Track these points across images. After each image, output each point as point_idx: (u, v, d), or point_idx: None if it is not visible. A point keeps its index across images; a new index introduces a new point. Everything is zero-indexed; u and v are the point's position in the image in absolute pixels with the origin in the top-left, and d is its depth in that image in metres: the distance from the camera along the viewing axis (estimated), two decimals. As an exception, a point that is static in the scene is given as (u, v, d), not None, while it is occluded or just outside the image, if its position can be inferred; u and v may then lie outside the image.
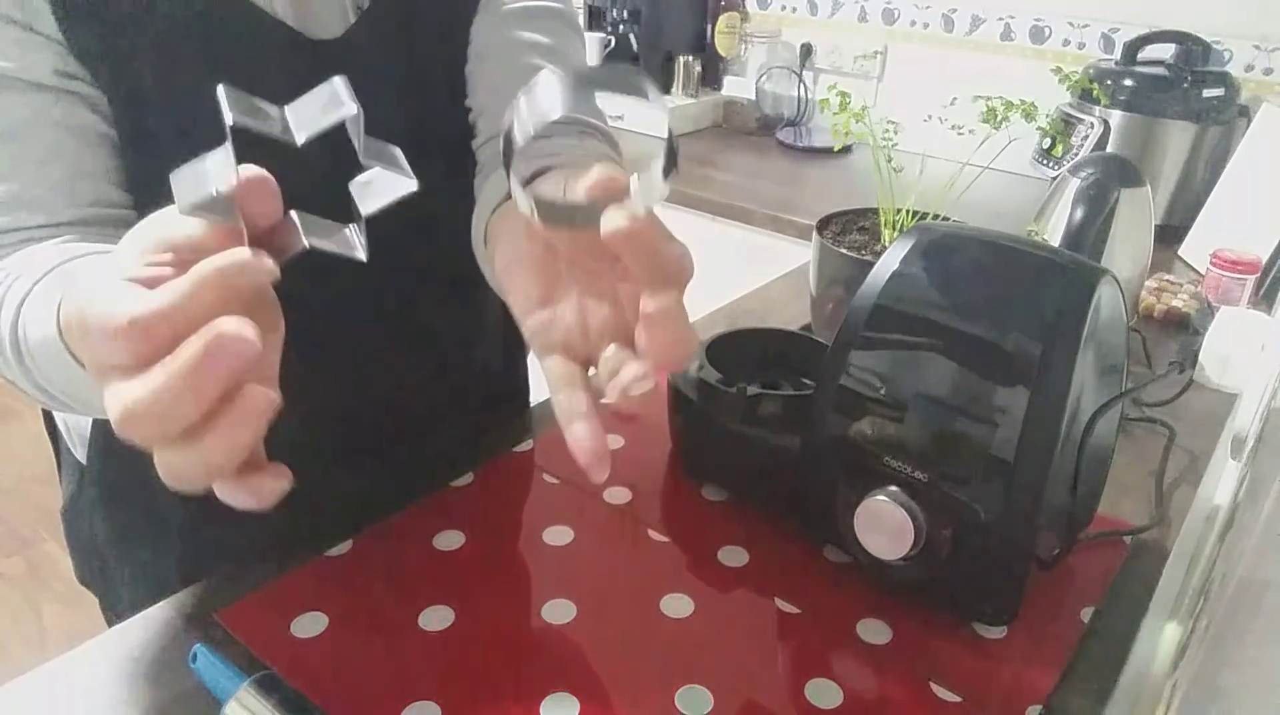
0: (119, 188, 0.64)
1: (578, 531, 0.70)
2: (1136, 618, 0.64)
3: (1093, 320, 0.58)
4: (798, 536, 0.70)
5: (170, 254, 0.35)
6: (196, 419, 0.32)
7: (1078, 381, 0.57)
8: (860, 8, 2.08)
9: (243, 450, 0.33)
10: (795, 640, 0.61)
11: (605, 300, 0.46)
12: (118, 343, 0.32)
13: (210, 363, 0.31)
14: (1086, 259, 0.64)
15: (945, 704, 0.57)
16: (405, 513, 0.71)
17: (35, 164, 0.60)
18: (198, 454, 0.32)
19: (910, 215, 0.93)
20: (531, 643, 0.60)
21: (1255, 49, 1.66)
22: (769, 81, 2.14)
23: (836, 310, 0.94)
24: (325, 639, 0.59)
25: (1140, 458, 0.85)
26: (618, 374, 0.42)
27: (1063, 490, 0.60)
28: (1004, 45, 1.92)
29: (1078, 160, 1.06)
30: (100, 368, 0.34)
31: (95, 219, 0.62)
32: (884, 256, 0.66)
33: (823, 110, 0.91)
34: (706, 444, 0.75)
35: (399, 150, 0.38)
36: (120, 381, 0.33)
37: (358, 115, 0.35)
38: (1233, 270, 1.18)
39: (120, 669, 0.58)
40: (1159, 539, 0.74)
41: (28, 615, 2.01)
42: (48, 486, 2.39)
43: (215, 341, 0.31)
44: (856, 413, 0.63)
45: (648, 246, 0.40)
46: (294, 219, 0.37)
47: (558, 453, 0.80)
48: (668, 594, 0.64)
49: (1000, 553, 0.59)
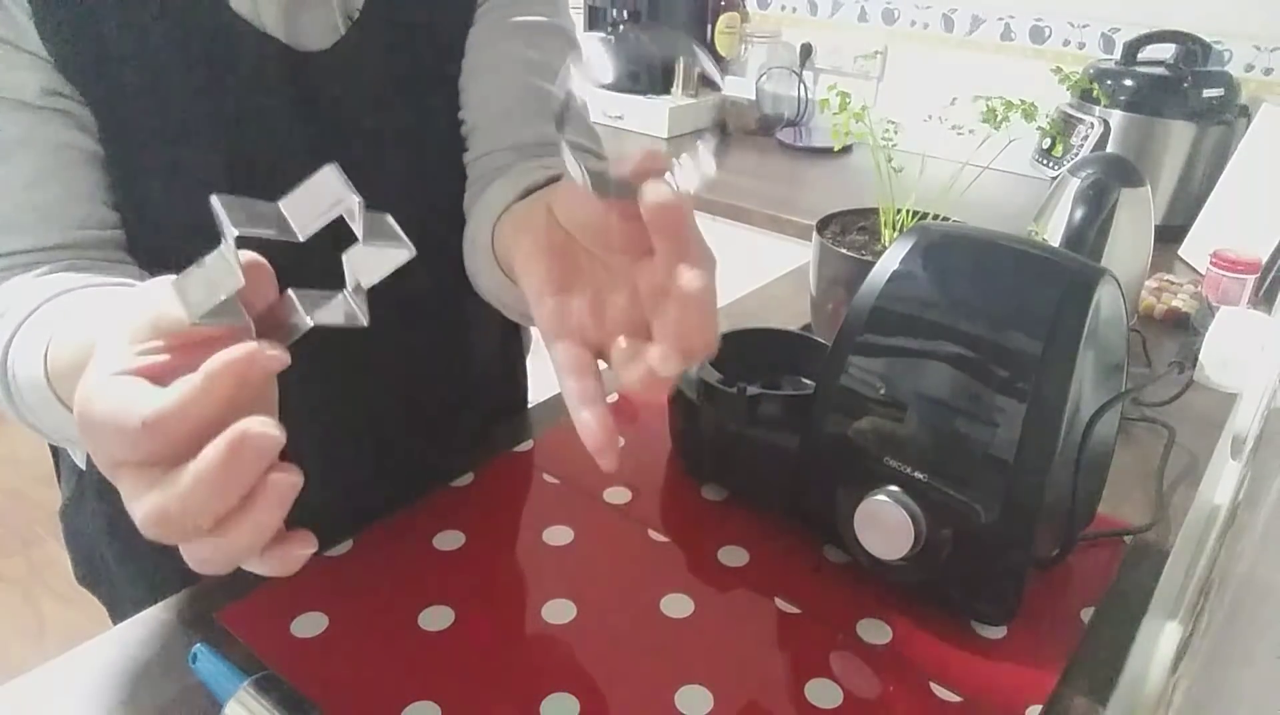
0: (108, 207, 0.63)
1: (578, 531, 0.70)
2: (1136, 618, 0.64)
3: (1093, 320, 0.58)
4: (798, 536, 0.70)
5: (161, 341, 0.35)
6: (223, 514, 0.33)
7: (1078, 381, 0.57)
8: (860, 8, 2.08)
9: (270, 533, 0.34)
10: (795, 640, 0.61)
11: (622, 292, 0.45)
12: (131, 442, 0.33)
13: (237, 464, 0.31)
14: (1086, 259, 0.64)
15: (945, 704, 0.57)
16: (405, 513, 0.71)
17: (22, 187, 0.59)
18: (227, 542, 0.33)
19: (910, 215, 0.93)
20: (531, 643, 0.60)
21: (1255, 49, 1.66)
22: (769, 81, 2.14)
23: (836, 310, 0.94)
24: (325, 639, 0.59)
25: (1140, 458, 0.85)
26: (635, 358, 0.42)
27: (1063, 490, 0.60)
28: (1004, 45, 1.92)
29: (1078, 160, 1.06)
30: (110, 462, 0.34)
31: (84, 242, 0.61)
32: (884, 256, 0.66)
33: (823, 110, 0.91)
34: (706, 444, 0.75)
35: (391, 218, 0.37)
36: (135, 478, 0.33)
37: (358, 204, 0.35)
38: (1233, 270, 1.18)
39: (120, 669, 0.58)
40: (1159, 539, 0.74)
41: (28, 615, 2.01)
42: (48, 486, 2.38)
43: (241, 442, 0.31)
44: (856, 413, 0.63)
45: (683, 223, 0.40)
46: (292, 298, 0.37)
47: (558, 453, 0.80)
48: (668, 594, 0.64)
49: (1000, 553, 0.59)
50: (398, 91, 0.71)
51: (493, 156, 0.74)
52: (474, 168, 0.75)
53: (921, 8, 2.00)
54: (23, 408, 0.52)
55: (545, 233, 0.47)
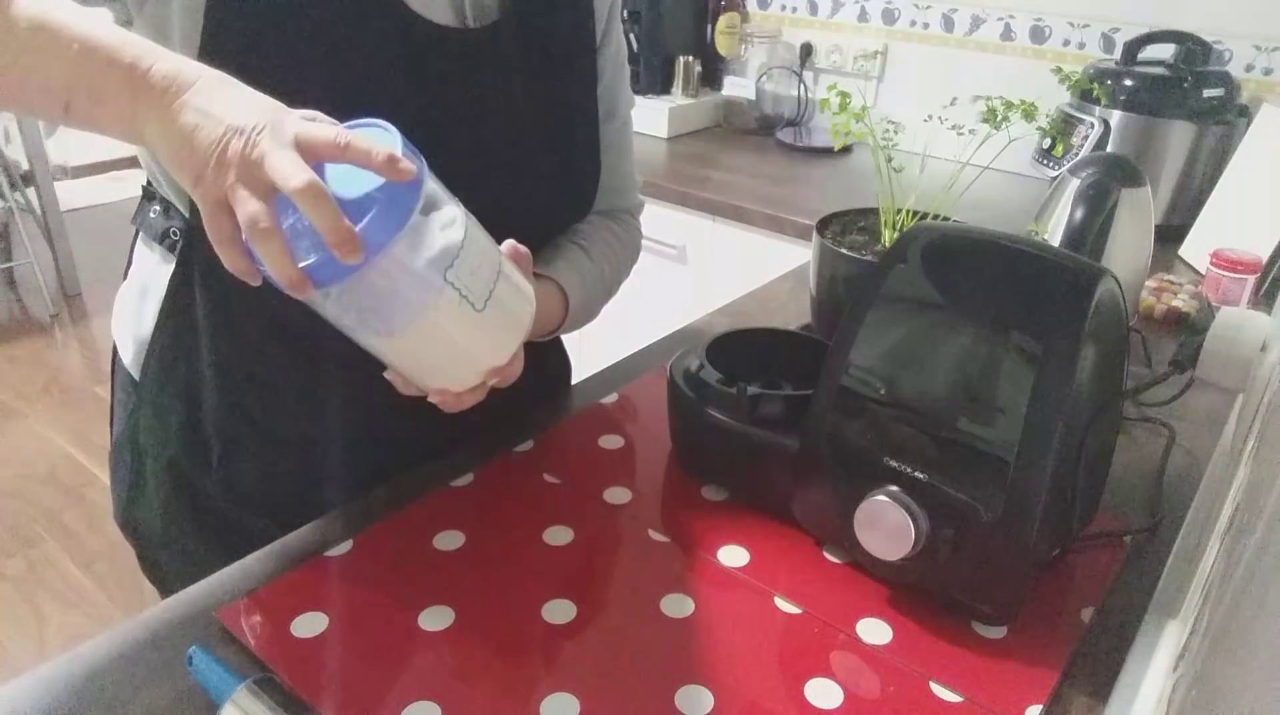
0: None
1: (578, 531, 0.70)
2: (1136, 618, 0.64)
3: (1093, 320, 0.58)
4: (798, 536, 0.70)
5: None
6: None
7: (1078, 381, 0.57)
8: (860, 8, 2.08)
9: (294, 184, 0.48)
10: (795, 640, 0.61)
11: None
12: (286, 128, 0.49)
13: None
14: (1086, 259, 0.64)
15: (945, 704, 0.57)
16: (405, 513, 0.71)
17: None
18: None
19: (910, 215, 0.93)
20: (531, 643, 0.60)
21: (1255, 49, 1.66)
22: (769, 81, 2.14)
23: (836, 310, 0.94)
24: (325, 639, 0.59)
25: (1140, 458, 0.85)
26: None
27: (1063, 490, 0.60)
28: (1004, 45, 1.92)
29: (1078, 160, 1.06)
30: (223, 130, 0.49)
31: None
32: (884, 256, 0.66)
33: (823, 110, 0.91)
34: (706, 444, 0.75)
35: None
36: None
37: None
38: (1233, 270, 1.18)
39: (120, 669, 0.58)
40: (1159, 539, 0.74)
41: (28, 615, 2.01)
42: (48, 486, 2.39)
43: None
44: (856, 412, 0.62)
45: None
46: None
47: (558, 453, 0.80)
48: (668, 594, 0.64)
49: (1000, 553, 0.58)
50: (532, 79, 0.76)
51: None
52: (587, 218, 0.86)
53: (921, 8, 2.00)
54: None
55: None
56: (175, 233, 0.73)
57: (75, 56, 0.50)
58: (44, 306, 3.33)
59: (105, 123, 0.52)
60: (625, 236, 0.91)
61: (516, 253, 0.64)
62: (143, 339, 0.77)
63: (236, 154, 0.49)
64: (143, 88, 0.50)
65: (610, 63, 0.84)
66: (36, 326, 3.25)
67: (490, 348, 0.61)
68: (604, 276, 0.86)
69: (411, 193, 0.51)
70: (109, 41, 0.51)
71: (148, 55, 0.50)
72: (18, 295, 3.49)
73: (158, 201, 0.74)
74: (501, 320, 0.60)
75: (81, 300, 3.43)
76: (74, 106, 0.51)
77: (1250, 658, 0.30)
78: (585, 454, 0.80)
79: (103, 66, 0.50)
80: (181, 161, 0.50)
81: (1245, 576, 0.36)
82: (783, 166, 1.92)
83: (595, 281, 0.84)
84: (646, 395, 0.90)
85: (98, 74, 0.50)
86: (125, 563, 2.06)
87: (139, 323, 0.77)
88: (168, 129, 0.50)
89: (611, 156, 0.86)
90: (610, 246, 0.88)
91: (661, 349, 1.02)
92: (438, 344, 0.58)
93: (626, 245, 0.91)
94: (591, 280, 0.83)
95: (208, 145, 0.49)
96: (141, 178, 0.77)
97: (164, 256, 0.74)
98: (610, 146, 0.86)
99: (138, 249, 0.79)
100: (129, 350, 0.79)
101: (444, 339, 0.58)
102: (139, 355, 0.78)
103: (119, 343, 0.81)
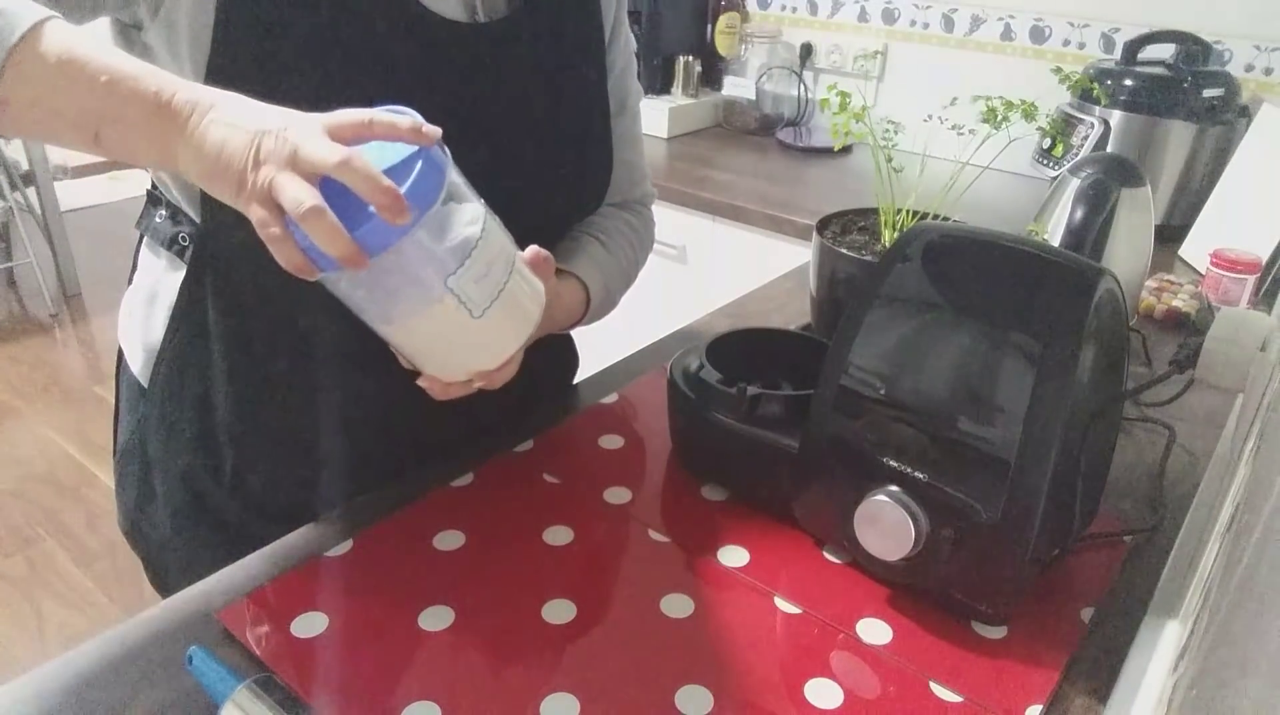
0: None
1: (578, 531, 0.70)
2: (1136, 618, 0.64)
3: (1093, 320, 0.58)
4: (798, 536, 0.70)
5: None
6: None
7: (1078, 381, 0.57)
8: (860, 8, 2.08)
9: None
10: (795, 640, 0.61)
11: None
12: (316, 122, 0.51)
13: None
14: (1086, 259, 0.64)
15: (945, 704, 0.57)
16: (405, 513, 0.71)
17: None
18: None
19: (910, 215, 0.93)
20: (531, 643, 0.60)
21: (1255, 49, 1.66)
22: (769, 81, 2.14)
23: (836, 310, 0.94)
24: (325, 639, 0.59)
25: (1140, 458, 0.85)
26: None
27: (1063, 490, 0.60)
28: (1004, 45, 1.91)
29: (1078, 160, 1.06)
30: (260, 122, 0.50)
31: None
32: (884, 256, 0.66)
33: (823, 110, 0.91)
34: (706, 444, 0.75)
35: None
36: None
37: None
38: (1233, 270, 1.18)
39: (120, 669, 0.58)
40: (1159, 539, 0.74)
41: (28, 615, 2.01)
42: (48, 486, 2.39)
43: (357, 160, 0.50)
44: (856, 412, 0.63)
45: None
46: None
47: (558, 453, 0.80)
48: (668, 594, 0.64)
49: (1000, 553, 0.58)
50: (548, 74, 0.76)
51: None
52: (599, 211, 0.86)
53: (921, 8, 2.00)
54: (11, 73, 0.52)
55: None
56: (184, 238, 0.72)
57: (103, 88, 0.51)
58: (44, 306, 3.33)
59: (137, 150, 0.53)
60: (640, 226, 0.92)
61: (538, 257, 0.65)
62: (152, 346, 0.77)
63: (270, 151, 0.50)
64: (168, 114, 0.51)
65: (620, 56, 0.85)
66: (36, 326, 3.25)
67: (486, 352, 0.62)
68: (622, 267, 0.88)
69: (439, 166, 0.53)
70: (132, 71, 0.52)
71: (168, 85, 0.52)
72: (18, 295, 3.49)
73: (164, 206, 0.74)
74: (499, 327, 0.61)
75: (81, 300, 3.43)
76: (103, 136, 0.52)
77: (1250, 658, 0.30)
78: (585, 454, 0.80)
79: (128, 96, 0.51)
80: (219, 175, 0.51)
81: (1245, 576, 0.36)
82: (783, 166, 1.92)
83: (614, 272, 0.86)
84: (646, 395, 0.90)
85: (125, 104, 0.51)
86: (125, 563, 2.06)
87: (147, 329, 0.77)
88: (199, 149, 0.51)
89: (623, 148, 0.87)
90: (626, 237, 0.89)
91: (661, 349, 1.02)
92: (430, 339, 0.60)
93: (641, 235, 0.92)
94: (610, 271, 0.85)
95: (241, 152, 0.50)
96: (144, 180, 0.76)
97: (172, 262, 0.74)
98: (621, 138, 0.86)
99: (143, 254, 0.79)
100: (137, 357, 0.79)
101: (436, 335, 0.59)
102: (148, 362, 0.77)
103: (126, 350, 0.81)
